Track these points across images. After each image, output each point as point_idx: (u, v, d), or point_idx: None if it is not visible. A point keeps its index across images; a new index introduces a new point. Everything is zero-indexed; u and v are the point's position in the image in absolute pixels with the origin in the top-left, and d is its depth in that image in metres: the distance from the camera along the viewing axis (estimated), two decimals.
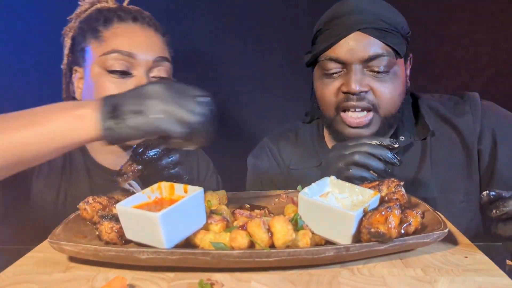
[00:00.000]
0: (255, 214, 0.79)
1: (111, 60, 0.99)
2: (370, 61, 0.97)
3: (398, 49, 0.98)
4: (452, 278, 0.59)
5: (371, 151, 0.86)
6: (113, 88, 0.98)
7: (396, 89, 1.00)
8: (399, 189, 0.77)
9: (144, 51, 1.01)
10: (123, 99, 0.70)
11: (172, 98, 0.69)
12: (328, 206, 0.66)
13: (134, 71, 1.00)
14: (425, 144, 1.08)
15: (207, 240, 0.66)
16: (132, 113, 0.69)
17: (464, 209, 1.05)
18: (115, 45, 1.00)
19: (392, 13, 1.02)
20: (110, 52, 0.99)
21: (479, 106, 1.06)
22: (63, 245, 0.65)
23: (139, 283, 0.61)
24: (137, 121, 0.69)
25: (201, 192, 0.69)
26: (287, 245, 0.63)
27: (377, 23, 0.97)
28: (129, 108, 0.69)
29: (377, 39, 0.96)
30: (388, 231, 0.62)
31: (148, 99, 0.69)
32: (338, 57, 0.98)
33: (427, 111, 1.11)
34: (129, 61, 0.99)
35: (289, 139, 1.22)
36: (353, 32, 0.97)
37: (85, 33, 1.04)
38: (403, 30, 1.01)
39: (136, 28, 1.04)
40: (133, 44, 1.00)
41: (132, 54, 0.99)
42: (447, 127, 1.08)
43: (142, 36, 1.03)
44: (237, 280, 0.61)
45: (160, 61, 1.03)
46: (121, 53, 0.99)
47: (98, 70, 1.00)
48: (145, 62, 1.01)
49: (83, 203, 0.78)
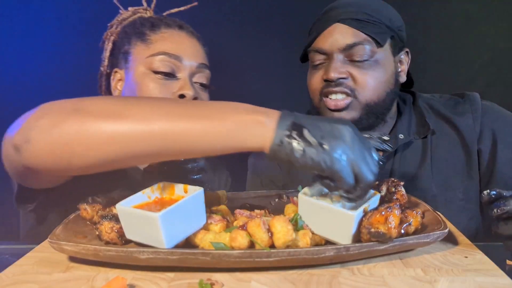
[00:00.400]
0: (255, 214, 0.79)
1: (158, 62, 1.02)
2: (349, 50, 1.01)
3: (378, 37, 1.00)
4: (452, 278, 0.59)
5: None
6: (157, 88, 1.01)
7: (378, 77, 1.02)
8: (399, 189, 0.77)
9: (190, 56, 1.05)
10: (309, 125, 0.63)
11: (360, 150, 0.64)
12: (328, 206, 0.66)
13: (179, 74, 1.04)
14: (425, 142, 1.08)
15: (207, 240, 0.66)
16: (314, 144, 0.62)
17: (464, 207, 1.05)
18: (163, 48, 1.03)
19: (380, 6, 1.05)
20: (158, 54, 1.02)
21: (479, 106, 1.07)
22: (63, 245, 0.65)
23: (139, 283, 0.61)
24: (315, 153, 0.62)
25: (201, 192, 0.69)
26: (287, 245, 0.63)
27: (358, 14, 1.01)
28: (313, 137, 0.62)
29: (356, 29, 1.00)
30: (388, 231, 0.62)
31: (337, 139, 0.63)
32: (320, 48, 1.04)
33: (428, 110, 1.12)
34: (175, 64, 1.02)
35: None
36: (333, 23, 1.02)
37: (130, 36, 1.08)
38: (390, 22, 1.03)
39: (182, 35, 1.08)
40: (179, 48, 1.04)
41: (178, 58, 1.03)
42: (447, 126, 1.09)
43: (188, 43, 1.07)
44: (237, 280, 0.61)
45: (203, 67, 1.08)
46: (169, 55, 1.02)
47: (143, 70, 1.03)
48: (190, 67, 1.04)
49: (83, 203, 0.78)
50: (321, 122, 0.64)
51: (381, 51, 1.02)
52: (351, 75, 1.02)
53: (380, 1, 1.07)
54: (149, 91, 1.00)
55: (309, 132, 0.62)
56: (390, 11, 1.06)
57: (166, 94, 1.01)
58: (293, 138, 0.62)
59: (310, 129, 0.63)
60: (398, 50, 1.07)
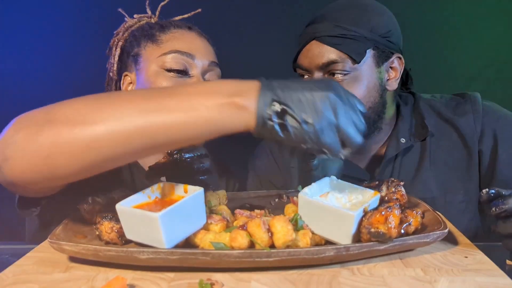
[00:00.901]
0: (255, 214, 0.79)
1: (170, 60, 1.02)
2: (326, 67, 1.00)
3: (353, 54, 0.98)
4: (452, 278, 0.59)
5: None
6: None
7: (358, 92, 1.00)
8: (399, 189, 0.77)
9: (201, 54, 1.05)
10: (290, 100, 0.61)
11: (344, 114, 0.63)
12: (328, 206, 0.66)
13: (191, 71, 1.03)
14: (424, 145, 1.08)
15: (207, 240, 0.66)
16: (297, 122, 0.61)
17: (464, 210, 1.05)
18: (174, 46, 1.03)
19: (357, 13, 1.00)
20: (170, 52, 1.02)
21: (480, 106, 1.06)
22: (63, 245, 0.65)
23: (139, 283, 0.61)
24: (299, 131, 0.61)
25: (201, 192, 0.69)
26: (287, 245, 0.63)
27: (332, 30, 0.99)
28: (296, 115, 0.61)
29: (330, 46, 0.99)
30: (388, 231, 0.62)
31: (319, 111, 0.61)
32: (301, 65, 1.05)
33: (428, 111, 1.11)
34: (187, 61, 1.02)
35: None
36: (310, 41, 1.02)
37: (139, 39, 1.08)
38: (372, 31, 0.99)
39: (192, 35, 1.08)
40: (191, 47, 1.04)
41: (191, 55, 1.03)
42: (448, 127, 1.08)
43: (199, 42, 1.08)
44: (237, 280, 0.61)
45: (214, 66, 1.08)
46: (181, 53, 1.02)
47: (156, 69, 1.03)
48: (202, 64, 1.04)
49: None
50: (302, 93, 0.62)
51: (359, 66, 1.00)
52: None
53: (362, 7, 1.02)
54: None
55: (291, 109, 0.61)
56: (373, 18, 1.01)
57: None
58: (275, 120, 0.61)
59: (291, 105, 0.61)
60: (384, 58, 1.03)
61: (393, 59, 1.05)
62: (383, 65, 1.03)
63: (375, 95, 1.03)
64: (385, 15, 1.04)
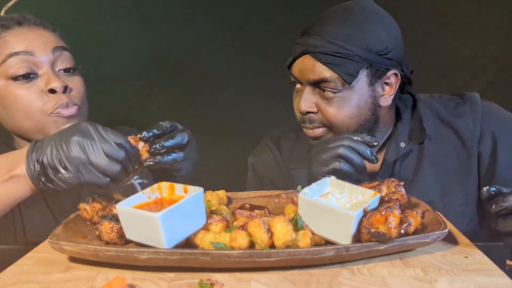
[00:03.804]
0: (255, 214, 0.79)
1: (12, 67, 0.96)
2: (317, 84, 0.99)
3: (344, 76, 0.96)
4: (452, 278, 0.59)
5: (353, 146, 0.89)
6: (25, 94, 0.96)
7: (346, 111, 0.99)
8: (399, 189, 0.77)
9: (40, 47, 0.99)
10: (47, 152, 0.74)
11: (96, 148, 0.73)
12: (328, 206, 0.66)
13: (39, 70, 0.99)
14: (422, 147, 1.07)
15: (207, 240, 0.66)
16: (59, 171, 0.73)
17: (463, 212, 1.04)
18: (9, 50, 0.97)
19: (354, 30, 0.96)
20: (7, 58, 0.96)
21: (479, 107, 1.05)
22: (63, 245, 0.65)
23: (139, 283, 0.61)
24: (65, 179, 0.74)
25: (201, 192, 0.69)
26: (287, 245, 0.63)
27: (327, 46, 0.96)
28: (54, 165, 0.73)
29: (323, 64, 0.97)
30: (388, 231, 0.62)
31: (70, 156, 0.73)
32: (293, 74, 1.04)
33: (427, 113, 1.09)
34: (29, 61, 0.97)
35: (289, 138, 1.22)
36: (303, 54, 1.00)
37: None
38: (366, 49, 0.95)
39: (23, 30, 1.01)
40: (26, 43, 0.98)
41: (29, 52, 0.97)
42: (447, 129, 1.07)
43: (33, 35, 1.01)
44: (237, 280, 0.61)
45: (59, 51, 1.02)
46: (18, 54, 0.96)
47: (3, 83, 0.97)
48: (46, 58, 0.99)
49: (83, 203, 0.78)
50: (56, 146, 0.74)
51: (350, 87, 0.98)
52: (319, 109, 1.00)
53: (358, 24, 0.97)
54: (18, 99, 0.96)
55: (49, 165, 0.73)
56: (369, 37, 0.96)
57: (35, 95, 0.96)
58: (45, 177, 0.74)
59: (49, 161, 0.73)
60: (379, 76, 1.00)
61: (389, 75, 1.01)
62: (376, 83, 1.00)
63: (366, 112, 1.01)
64: (383, 31, 0.97)
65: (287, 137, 1.22)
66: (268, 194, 0.92)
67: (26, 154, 0.76)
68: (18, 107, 0.97)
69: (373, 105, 1.02)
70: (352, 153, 0.88)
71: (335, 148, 0.89)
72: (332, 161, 0.89)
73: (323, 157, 0.90)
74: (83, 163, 0.73)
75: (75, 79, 1.04)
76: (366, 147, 0.90)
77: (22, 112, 0.97)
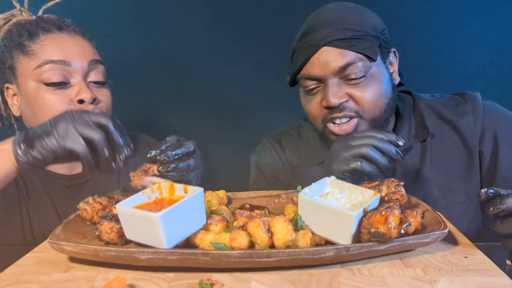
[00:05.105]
0: (255, 214, 0.79)
1: (46, 73, 0.98)
2: (343, 71, 0.98)
3: (369, 53, 0.97)
4: (452, 278, 0.59)
5: (378, 145, 0.86)
6: (54, 100, 0.98)
7: (377, 90, 1.00)
8: (399, 189, 0.77)
9: (78, 57, 1.01)
10: (34, 128, 0.76)
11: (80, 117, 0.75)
12: (328, 206, 0.66)
13: (72, 79, 1.00)
14: (424, 145, 1.07)
15: (207, 240, 0.66)
16: (41, 137, 0.74)
17: (465, 211, 1.04)
18: (47, 56, 0.99)
19: (358, 15, 1.01)
20: (43, 64, 0.98)
21: (480, 106, 1.06)
22: (63, 245, 0.65)
23: (139, 283, 0.61)
24: (45, 143, 0.74)
25: (201, 192, 0.69)
26: (287, 245, 0.63)
27: (342, 33, 0.97)
28: (37, 132, 0.75)
29: (345, 49, 0.97)
30: (388, 231, 0.62)
31: (54, 123, 0.75)
32: (312, 75, 1.01)
33: (428, 112, 1.10)
34: (64, 70, 0.99)
35: (291, 137, 1.22)
36: (320, 48, 0.99)
37: (10, 50, 1.03)
38: (374, 30, 1.00)
39: (64, 36, 1.03)
40: (65, 52, 1.00)
41: (66, 62, 0.99)
42: (448, 128, 1.07)
43: (72, 43, 1.03)
44: (237, 280, 0.61)
45: (95, 64, 1.04)
46: (55, 62, 0.98)
47: (35, 85, 0.99)
48: (81, 68, 1.01)
49: (83, 203, 0.78)
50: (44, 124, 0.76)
51: (374, 64, 1.00)
52: (350, 96, 0.99)
53: (359, 9, 1.03)
54: (47, 104, 0.98)
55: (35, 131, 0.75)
56: (372, 17, 1.03)
57: (64, 103, 0.98)
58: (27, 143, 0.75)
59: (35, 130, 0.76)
60: (386, 54, 1.04)
61: (391, 53, 1.06)
62: (387, 60, 1.05)
63: (390, 89, 1.04)
64: (376, 15, 1.05)
65: (289, 136, 1.22)
66: (268, 194, 0.92)
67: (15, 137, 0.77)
68: (45, 111, 0.98)
69: (391, 82, 1.05)
70: (376, 152, 0.86)
71: (359, 147, 0.87)
72: (353, 160, 0.87)
73: (345, 155, 0.88)
74: (67, 130, 0.73)
75: (104, 92, 1.07)
76: (391, 146, 0.87)
77: (47, 116, 0.95)
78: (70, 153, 0.74)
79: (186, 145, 0.84)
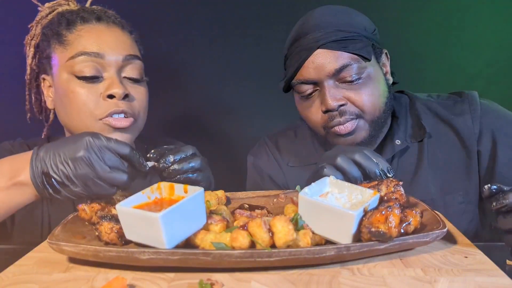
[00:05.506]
0: (256, 214, 0.79)
1: (79, 64, 0.95)
2: (339, 74, 0.97)
3: (363, 53, 0.97)
4: (452, 278, 0.59)
5: (358, 160, 0.83)
6: (84, 93, 0.95)
7: (374, 91, 1.00)
8: (398, 189, 0.77)
9: (113, 50, 0.97)
10: (53, 166, 0.73)
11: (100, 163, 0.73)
12: (329, 206, 0.66)
13: (105, 73, 0.97)
14: (421, 146, 1.07)
15: (207, 240, 0.66)
16: (66, 185, 0.74)
17: (463, 211, 1.04)
18: (81, 47, 0.96)
19: (349, 17, 1.01)
20: (77, 55, 0.95)
21: (478, 105, 1.06)
22: (62, 246, 0.65)
23: (139, 283, 0.61)
24: (69, 189, 0.74)
25: (201, 192, 0.69)
26: (288, 245, 0.63)
27: (335, 34, 0.97)
28: (61, 181, 0.74)
29: (339, 50, 0.96)
30: (389, 230, 0.62)
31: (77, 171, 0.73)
32: (307, 79, 1.00)
33: (425, 112, 1.10)
34: (97, 62, 0.95)
35: (288, 137, 1.22)
36: (313, 50, 0.98)
37: (49, 39, 1.00)
38: (365, 30, 1.00)
39: (101, 28, 0.99)
40: (100, 44, 0.96)
41: (100, 55, 0.95)
42: (446, 127, 1.07)
43: (109, 35, 0.99)
44: (237, 280, 0.61)
45: (131, 59, 1.00)
46: (88, 54, 0.95)
47: (67, 76, 0.96)
48: (115, 62, 0.97)
49: (82, 203, 0.78)
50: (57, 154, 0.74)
51: (369, 65, 0.99)
52: (349, 99, 0.99)
53: (349, 11, 1.03)
54: (75, 98, 0.95)
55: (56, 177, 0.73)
56: (362, 19, 1.03)
57: (92, 97, 0.95)
58: (48, 188, 0.75)
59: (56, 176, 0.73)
60: (379, 54, 1.04)
61: (383, 54, 1.06)
62: (380, 61, 1.04)
63: (386, 89, 1.03)
64: (365, 16, 1.05)
65: (286, 136, 1.23)
66: (266, 194, 0.92)
67: (30, 163, 0.75)
68: (73, 105, 0.96)
69: (387, 82, 1.05)
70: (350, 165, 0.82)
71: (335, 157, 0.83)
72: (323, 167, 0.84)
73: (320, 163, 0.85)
74: (91, 178, 0.73)
75: (139, 89, 1.02)
76: (375, 166, 0.82)
77: (75, 111, 0.95)
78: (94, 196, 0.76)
79: (185, 149, 0.85)
